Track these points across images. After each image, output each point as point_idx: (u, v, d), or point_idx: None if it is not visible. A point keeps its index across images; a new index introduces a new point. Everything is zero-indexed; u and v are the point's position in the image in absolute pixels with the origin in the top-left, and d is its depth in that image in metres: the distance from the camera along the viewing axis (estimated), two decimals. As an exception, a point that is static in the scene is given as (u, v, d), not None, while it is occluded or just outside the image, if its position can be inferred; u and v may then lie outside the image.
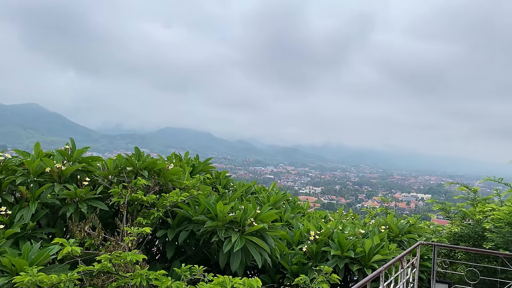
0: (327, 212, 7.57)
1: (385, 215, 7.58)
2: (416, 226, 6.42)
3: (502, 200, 6.95)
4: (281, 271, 5.31)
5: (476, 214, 6.42)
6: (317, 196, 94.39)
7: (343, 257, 5.13)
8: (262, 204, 6.23)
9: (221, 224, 4.34)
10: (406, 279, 4.53)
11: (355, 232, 5.71)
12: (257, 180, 9.45)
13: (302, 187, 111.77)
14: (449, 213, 6.94)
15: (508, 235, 5.83)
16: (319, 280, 4.43)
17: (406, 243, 5.89)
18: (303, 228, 5.84)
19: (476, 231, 6.30)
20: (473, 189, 6.90)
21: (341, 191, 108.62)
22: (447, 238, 6.52)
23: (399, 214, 8.73)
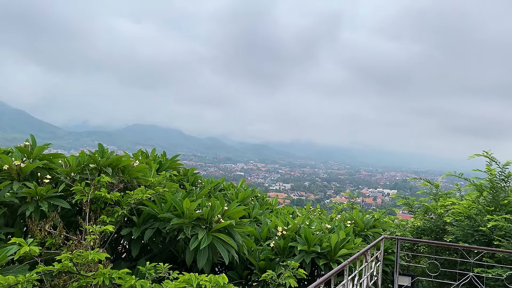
0: (295, 208, 7.65)
1: (352, 210, 7.72)
2: (380, 221, 6.57)
3: (462, 195, 7.22)
4: (249, 267, 5.32)
5: (438, 208, 6.64)
6: (287, 192, 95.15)
7: (310, 252, 5.19)
8: (230, 201, 6.21)
9: (187, 221, 4.30)
10: (370, 272, 4.63)
11: (322, 227, 5.79)
12: (227, 177, 9.37)
13: (272, 183, 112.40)
14: (412, 207, 7.15)
15: (467, 228, 6.07)
16: (286, 275, 4.47)
17: (371, 237, 6.02)
18: (271, 224, 5.87)
19: (438, 225, 6.52)
20: (435, 184, 7.14)
21: (310, 187, 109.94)
22: (411, 232, 6.72)
23: (366, 209, 8.93)
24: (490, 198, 6.36)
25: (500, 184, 6.42)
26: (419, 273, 6.21)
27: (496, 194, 6.29)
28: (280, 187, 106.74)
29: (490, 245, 5.74)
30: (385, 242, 5.73)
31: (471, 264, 5.33)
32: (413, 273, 5.74)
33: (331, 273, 3.14)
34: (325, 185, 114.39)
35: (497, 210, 6.16)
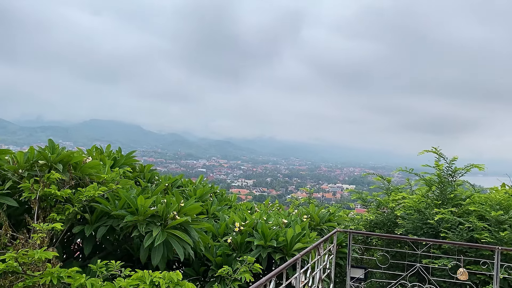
0: (254, 204, 7.71)
1: (309, 205, 7.87)
2: (335, 215, 6.75)
3: (413, 189, 7.53)
4: (206, 264, 5.33)
5: (390, 202, 6.90)
6: (249, 188, 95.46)
7: (267, 246, 5.26)
8: (188, 198, 6.18)
9: (142, 218, 4.24)
10: (323, 265, 4.75)
11: (279, 222, 5.88)
12: (189, 173, 9.26)
13: (235, 180, 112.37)
14: (365, 202, 7.39)
15: (416, 221, 6.35)
16: (242, 270, 4.52)
17: (326, 231, 6.17)
18: (229, 220, 5.90)
19: (390, 218, 6.78)
20: (387, 179, 7.41)
21: (272, 183, 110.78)
22: (364, 226, 6.94)
23: (325, 204, 9.11)
24: (438, 192, 6.68)
25: (448, 179, 6.76)
26: (372, 265, 6.43)
27: (444, 188, 6.62)
28: (242, 183, 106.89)
29: (437, 237, 6.04)
30: (338, 236, 5.89)
31: (419, 255, 5.59)
32: (365, 266, 5.95)
33: (283, 267, 3.20)
34: (287, 181, 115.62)
35: (445, 204, 6.48)
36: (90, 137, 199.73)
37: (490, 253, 5.06)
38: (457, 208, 6.34)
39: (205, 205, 6.44)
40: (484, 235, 5.67)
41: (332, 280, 5.22)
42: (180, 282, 3.52)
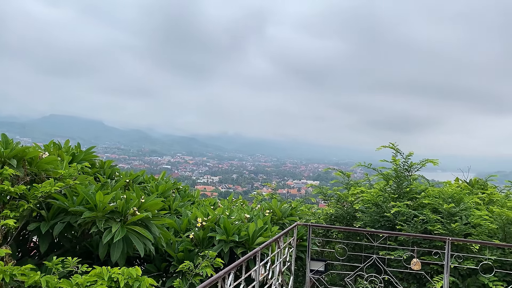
0: (217, 199, 7.73)
1: (271, 200, 7.97)
2: (297, 209, 6.88)
3: (372, 184, 7.78)
4: (167, 259, 5.31)
5: (349, 196, 7.11)
6: (215, 185, 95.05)
7: (229, 241, 5.30)
8: (150, 194, 6.12)
9: (101, 214, 4.18)
10: (283, 258, 4.84)
11: (241, 217, 5.93)
12: (153, 170, 9.10)
13: (200, 176, 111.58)
14: (326, 196, 7.58)
15: (374, 215, 6.57)
16: (203, 265, 4.54)
17: (288, 225, 6.28)
18: (191, 215, 5.89)
19: (349, 212, 6.98)
20: (346, 174, 7.62)
21: (238, 179, 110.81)
22: (325, 220, 7.12)
23: (289, 199, 9.24)
24: (395, 186, 6.94)
25: (404, 174, 7.03)
26: (332, 258, 6.61)
27: (400, 183, 6.88)
28: (208, 180, 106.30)
29: (394, 230, 6.28)
30: (299, 229, 6.01)
31: (375, 247, 5.80)
32: (325, 258, 6.11)
33: (242, 260, 3.25)
34: (253, 177, 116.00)
35: (401, 197, 6.74)
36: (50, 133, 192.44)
37: (442, 244, 5.32)
38: (413, 201, 6.61)
39: (167, 201, 6.40)
40: (437, 227, 5.95)
41: (292, 272, 5.33)
42: (139, 278, 3.51)
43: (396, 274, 5.91)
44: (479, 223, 5.99)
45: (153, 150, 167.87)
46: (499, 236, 5.95)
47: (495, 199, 7.05)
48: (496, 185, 8.19)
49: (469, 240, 5.57)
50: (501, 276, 5.56)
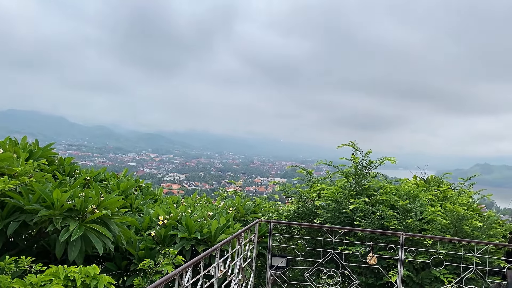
0: (180, 197, 7.71)
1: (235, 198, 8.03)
2: (261, 206, 6.96)
3: (333, 181, 7.97)
4: (128, 258, 5.26)
5: (311, 193, 7.27)
6: (182, 183, 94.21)
7: (191, 239, 5.32)
8: (111, 192, 6.04)
9: (58, 212, 4.10)
10: (244, 254, 4.91)
11: (204, 214, 5.95)
12: (118, 168, 8.89)
13: (166, 174, 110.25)
14: (289, 193, 7.72)
15: (334, 211, 6.75)
16: (164, 263, 4.54)
17: (251, 222, 6.35)
18: (153, 213, 5.86)
19: (310, 209, 7.14)
20: (309, 171, 7.79)
21: (205, 177, 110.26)
22: (287, 216, 7.25)
23: (254, 196, 9.30)
24: (354, 183, 7.15)
25: (363, 171, 7.25)
26: (293, 254, 6.73)
27: (359, 180, 7.10)
28: (174, 177, 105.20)
29: (352, 225, 6.47)
30: (262, 226, 6.10)
31: (333, 242, 5.98)
32: (286, 254, 6.23)
33: (201, 256, 3.29)
34: (220, 175, 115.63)
35: (360, 194, 6.95)
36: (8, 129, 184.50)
37: (397, 239, 5.54)
38: (371, 198, 6.84)
39: (128, 199, 6.33)
40: (393, 223, 6.19)
41: (253, 268, 5.41)
42: (97, 276, 3.48)
43: (354, 269, 6.11)
44: (432, 219, 6.27)
45: (117, 147, 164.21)
46: (451, 231, 6.26)
47: (449, 195, 7.38)
48: (451, 183, 8.57)
49: (422, 235, 5.83)
50: (452, 269, 5.86)
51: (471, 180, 8.63)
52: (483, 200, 16.48)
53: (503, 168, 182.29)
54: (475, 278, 5.66)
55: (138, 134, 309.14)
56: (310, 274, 6.00)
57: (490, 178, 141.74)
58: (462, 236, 6.21)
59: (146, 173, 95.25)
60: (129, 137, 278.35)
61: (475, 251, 5.65)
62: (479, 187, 8.58)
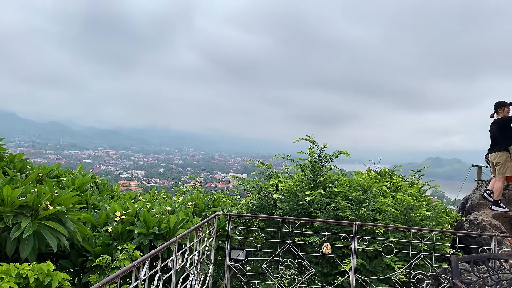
0: (138, 193, 7.63)
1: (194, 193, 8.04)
2: (220, 201, 7.02)
3: (291, 174, 8.16)
4: (84, 255, 5.18)
5: (269, 187, 7.41)
6: (140, 180, 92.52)
7: (149, 234, 5.29)
8: (65, 188, 5.90)
9: (9, 209, 3.99)
10: (203, 247, 4.96)
11: (162, 209, 5.93)
12: (73, 165, 8.61)
13: (124, 171, 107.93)
14: (248, 187, 7.83)
15: (292, 203, 6.93)
16: (121, 258, 4.50)
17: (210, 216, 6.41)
18: (110, 209, 5.78)
19: (269, 202, 7.28)
20: (267, 165, 7.93)
21: (165, 174, 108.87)
22: (246, 210, 7.36)
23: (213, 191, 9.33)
24: (311, 176, 7.36)
25: (319, 164, 7.47)
26: (252, 246, 6.85)
27: (315, 173, 7.31)
28: (132, 174, 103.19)
29: (309, 217, 6.66)
30: (221, 220, 6.17)
31: (292, 233, 6.16)
32: (244, 247, 6.34)
33: (158, 249, 3.32)
34: (180, 171, 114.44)
35: (316, 187, 7.16)
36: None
37: (351, 229, 5.77)
38: (326, 190, 7.07)
39: (84, 195, 6.21)
40: (347, 213, 6.43)
41: (212, 261, 5.47)
42: (51, 273, 3.42)
43: (310, 259, 6.30)
44: (384, 209, 6.57)
45: (72, 144, 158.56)
46: (401, 220, 6.58)
47: (400, 187, 7.75)
48: (403, 175, 8.99)
49: (373, 224, 6.10)
50: (402, 256, 6.16)
51: (421, 172, 9.13)
52: (435, 192, 17.31)
53: (453, 161, 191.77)
54: (423, 264, 5.98)
55: (95, 131, 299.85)
56: (269, 265, 6.13)
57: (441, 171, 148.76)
58: (412, 225, 6.54)
59: (102, 170, 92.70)
60: (85, 133, 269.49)
61: (423, 239, 5.98)
62: (431, 179, 9.08)
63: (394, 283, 5.82)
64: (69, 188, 5.70)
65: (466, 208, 8.72)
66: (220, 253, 6.64)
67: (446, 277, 5.83)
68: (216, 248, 6.08)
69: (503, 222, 7.82)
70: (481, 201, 8.40)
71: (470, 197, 8.95)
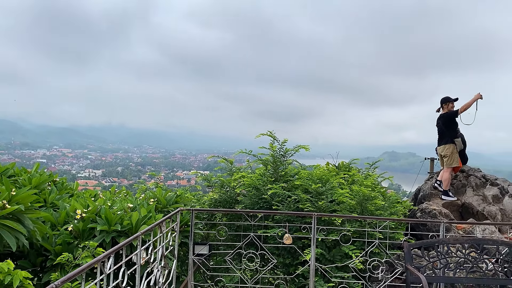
0: (98, 191, 7.52)
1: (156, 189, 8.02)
2: (182, 197, 7.06)
3: (253, 169, 8.31)
4: (44, 254, 5.10)
5: (232, 182, 7.53)
6: (98, 179, 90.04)
7: (111, 231, 5.28)
8: (22, 187, 5.75)
9: (-37, 210, 3.87)
10: (166, 242, 5.01)
11: (124, 206, 5.91)
12: (26, 165, 8.37)
13: (81, 170, 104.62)
14: (211, 183, 7.91)
15: (254, 197, 7.08)
16: (84, 256, 4.49)
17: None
18: (70, 208, 5.70)
19: (232, 196, 7.40)
20: (229, 160, 8.05)
21: (124, 172, 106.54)
22: (209, 205, 7.44)
23: (175, 188, 9.31)
24: (272, 171, 7.54)
25: (280, 159, 7.67)
26: (216, 240, 6.94)
27: (277, 167, 7.50)
28: (90, 174, 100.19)
29: (271, 210, 6.84)
30: (184, 215, 6.22)
31: (253, 226, 6.32)
32: (207, 242, 6.44)
33: (121, 244, 3.35)
34: (140, 170, 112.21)
35: (277, 181, 7.35)
36: None
37: (311, 219, 6.00)
38: (287, 183, 7.27)
39: (42, 194, 6.07)
40: (306, 205, 6.66)
41: (175, 256, 5.53)
42: (11, 272, 3.38)
43: (272, 251, 6.48)
44: (342, 200, 6.85)
45: (25, 143, 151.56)
46: (358, 211, 6.89)
47: (356, 179, 8.09)
48: (360, 168, 9.37)
49: (332, 214, 6.36)
50: (359, 245, 6.47)
51: (378, 165, 9.58)
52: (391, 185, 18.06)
53: (408, 155, 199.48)
54: (379, 252, 6.30)
55: (49, 129, 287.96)
56: (232, 258, 6.26)
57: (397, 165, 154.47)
58: (368, 215, 6.86)
59: (58, 170, 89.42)
60: (38, 132, 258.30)
61: (378, 227, 6.31)
62: (387, 173, 9.53)
63: (351, 271, 6.12)
64: (26, 187, 5.56)
65: (418, 198, 9.22)
66: (183, 249, 6.69)
67: (400, 262, 6.19)
68: (179, 243, 6.13)
69: (452, 211, 8.35)
70: (432, 191, 8.91)
71: (422, 188, 9.47)
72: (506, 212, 7.76)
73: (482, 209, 8.05)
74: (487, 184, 8.68)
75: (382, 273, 6.02)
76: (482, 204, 8.22)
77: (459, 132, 9.03)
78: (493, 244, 5.76)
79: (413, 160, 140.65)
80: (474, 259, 5.54)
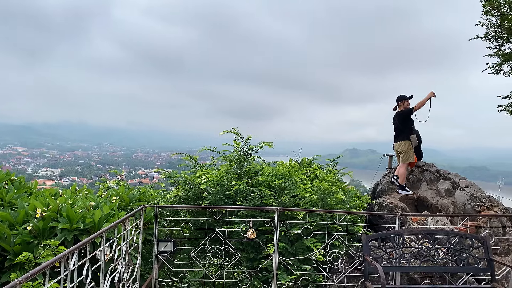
0: (59, 189, 7.36)
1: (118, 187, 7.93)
2: (146, 194, 7.04)
3: (217, 166, 8.36)
4: (2, 254, 4.97)
5: (196, 179, 7.56)
6: (56, 178, 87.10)
7: (73, 229, 5.21)
8: (-23, 187, 5.56)
9: None
10: (130, 239, 5.01)
11: (86, 204, 5.84)
12: None
13: (38, 169, 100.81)
14: (174, 180, 7.90)
15: (218, 194, 7.15)
16: (45, 254, 4.42)
17: (136, 210, 6.41)
18: (29, 206, 5.57)
19: (196, 193, 7.44)
20: (193, 157, 8.07)
21: (83, 171, 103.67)
22: (173, 202, 7.45)
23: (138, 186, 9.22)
24: (236, 167, 7.64)
25: (244, 156, 7.78)
26: (180, 237, 6.97)
27: (241, 164, 7.61)
28: (47, 173, 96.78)
29: (235, 205, 6.94)
30: (148, 213, 6.22)
31: (219, 222, 6.40)
32: (171, 238, 6.46)
33: (85, 241, 3.35)
34: (100, 168, 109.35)
35: (241, 177, 7.46)
36: None
37: (274, 214, 6.15)
38: (251, 179, 7.39)
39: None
40: (270, 200, 6.81)
41: (140, 253, 5.53)
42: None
43: (237, 246, 6.59)
44: (304, 195, 7.05)
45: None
46: (319, 205, 7.11)
47: (318, 174, 8.32)
48: (321, 164, 9.63)
49: (294, 208, 6.53)
50: (320, 238, 6.68)
51: (339, 161, 9.88)
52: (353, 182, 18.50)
53: (368, 152, 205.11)
54: (339, 244, 6.54)
55: (2, 126, 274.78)
56: (196, 254, 6.32)
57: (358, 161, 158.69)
58: (328, 209, 7.09)
59: (13, 169, 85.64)
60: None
61: (338, 221, 6.54)
62: (347, 169, 9.84)
63: (313, 263, 6.32)
64: (-18, 186, 5.39)
65: (376, 192, 9.60)
66: (147, 246, 6.69)
67: (358, 254, 6.45)
68: (143, 241, 6.13)
69: (408, 204, 8.76)
70: (389, 186, 9.31)
71: (380, 182, 9.86)
72: (457, 205, 8.22)
73: (435, 202, 8.49)
74: (441, 178, 9.15)
75: (341, 264, 6.27)
76: (435, 197, 8.67)
77: (414, 129, 9.46)
78: (444, 234, 6.12)
79: (373, 156, 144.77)
80: (427, 249, 5.87)
